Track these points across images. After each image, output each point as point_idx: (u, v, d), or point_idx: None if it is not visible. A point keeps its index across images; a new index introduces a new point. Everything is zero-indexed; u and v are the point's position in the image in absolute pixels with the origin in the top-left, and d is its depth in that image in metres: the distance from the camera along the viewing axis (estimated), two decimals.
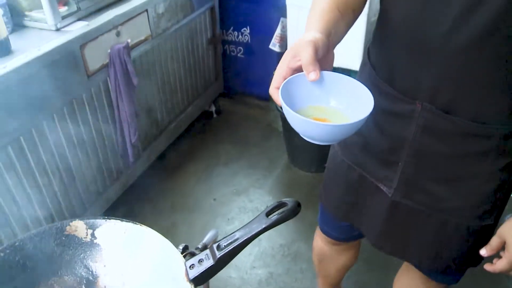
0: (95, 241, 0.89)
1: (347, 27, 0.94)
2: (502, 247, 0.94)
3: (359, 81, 0.82)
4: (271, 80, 0.82)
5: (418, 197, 1.05)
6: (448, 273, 1.20)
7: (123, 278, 0.87)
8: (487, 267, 0.96)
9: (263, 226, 0.78)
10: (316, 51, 0.78)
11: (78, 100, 1.78)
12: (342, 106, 0.84)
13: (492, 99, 0.88)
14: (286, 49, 2.48)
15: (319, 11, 0.89)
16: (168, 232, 2.09)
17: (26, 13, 1.79)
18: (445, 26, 0.82)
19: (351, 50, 2.19)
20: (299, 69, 0.80)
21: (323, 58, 0.82)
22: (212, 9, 2.63)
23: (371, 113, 0.76)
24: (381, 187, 1.10)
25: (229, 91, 3.11)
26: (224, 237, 0.80)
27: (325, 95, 0.83)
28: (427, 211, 1.06)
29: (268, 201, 2.35)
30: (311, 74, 0.77)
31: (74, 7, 1.83)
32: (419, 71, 0.91)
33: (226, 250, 0.77)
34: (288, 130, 2.46)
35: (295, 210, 0.79)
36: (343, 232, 1.41)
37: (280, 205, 0.79)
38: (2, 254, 0.83)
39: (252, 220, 0.82)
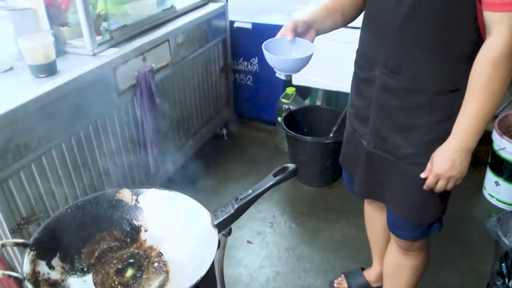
0: (138, 205, 1.14)
1: (336, 24, 1.39)
2: None
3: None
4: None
5: (384, 146, 1.39)
6: (411, 228, 1.47)
7: (160, 233, 1.11)
8: (424, 186, 1.29)
9: (271, 183, 1.03)
10: (295, 26, 1.25)
11: (109, 115, 2.06)
12: (297, 55, 1.28)
13: (423, 63, 1.21)
14: (291, 77, 2.78)
15: (316, 8, 1.37)
16: None
17: (68, 41, 2.10)
18: (389, 10, 1.20)
19: None
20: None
21: (304, 33, 1.29)
22: (224, 41, 2.94)
23: (309, 56, 1.23)
24: (363, 142, 1.45)
25: (239, 116, 3.38)
26: (241, 193, 1.04)
27: (291, 50, 1.29)
28: (392, 159, 1.38)
29: (275, 211, 2.58)
30: (288, 36, 1.25)
31: (107, 36, 2.13)
32: (376, 45, 1.29)
33: (243, 202, 1.02)
34: (293, 147, 2.72)
35: (295, 172, 1.03)
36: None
37: (283, 168, 1.04)
38: (69, 210, 1.08)
39: (262, 180, 1.06)
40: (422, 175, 1.29)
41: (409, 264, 1.63)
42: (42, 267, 0.96)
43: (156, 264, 1.04)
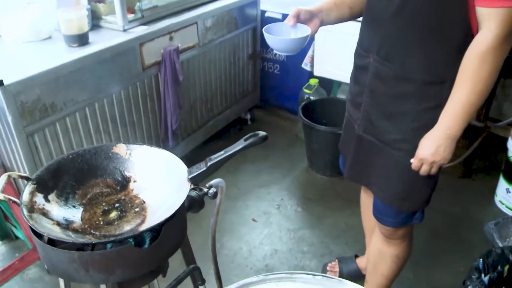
0: (131, 158, 1.29)
1: (342, 16, 1.49)
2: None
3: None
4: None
5: (373, 131, 1.47)
6: (393, 214, 1.54)
7: (145, 184, 1.25)
8: (412, 167, 1.37)
9: (241, 146, 1.15)
10: (298, 13, 1.39)
11: (133, 87, 2.23)
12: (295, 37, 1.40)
13: (412, 53, 1.29)
14: (314, 68, 2.87)
15: (323, 1, 1.48)
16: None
17: (103, 17, 2.29)
18: (382, 5, 1.30)
19: None
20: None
21: (307, 21, 1.41)
22: (254, 29, 3.07)
23: (306, 36, 1.35)
24: (355, 126, 1.54)
25: (264, 102, 3.51)
26: (215, 153, 1.17)
27: (290, 34, 1.41)
28: (379, 144, 1.46)
29: (284, 195, 2.69)
30: (289, 22, 1.39)
31: (139, 15, 2.31)
32: (372, 34, 1.39)
33: (214, 160, 1.14)
34: (308, 136, 2.81)
35: (264, 138, 1.14)
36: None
37: (254, 134, 1.16)
38: (70, 156, 1.24)
39: (234, 144, 1.17)
40: (411, 160, 1.37)
41: (390, 252, 1.70)
42: (39, 198, 1.12)
43: (137, 209, 1.18)
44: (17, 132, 1.77)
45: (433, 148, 1.29)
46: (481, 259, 1.67)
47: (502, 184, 2.57)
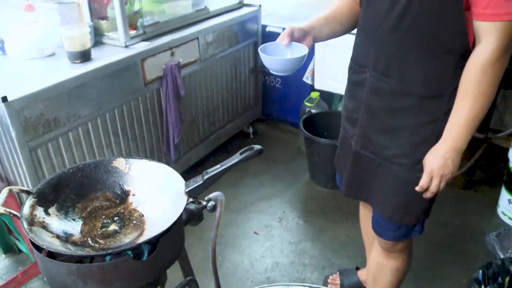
0: (130, 172, 1.31)
1: (334, 32, 1.50)
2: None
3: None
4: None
5: (370, 147, 1.47)
6: (393, 227, 1.54)
7: (144, 197, 1.27)
8: (417, 188, 1.33)
9: (237, 160, 1.17)
10: (291, 31, 1.38)
11: (135, 102, 2.26)
12: (291, 56, 1.38)
13: (410, 68, 1.30)
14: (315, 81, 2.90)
15: (315, 17, 1.47)
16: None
17: (105, 33, 2.33)
18: (381, 14, 1.29)
19: None
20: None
21: (301, 39, 1.40)
22: (255, 43, 3.11)
23: (303, 56, 1.34)
24: (351, 142, 1.54)
25: (266, 116, 3.53)
26: (211, 167, 1.19)
27: (286, 53, 1.40)
28: (377, 159, 1.47)
29: (286, 207, 2.70)
30: (284, 41, 1.38)
31: (141, 31, 2.35)
32: (368, 49, 1.39)
33: (211, 174, 1.16)
34: (310, 149, 2.83)
35: (259, 151, 1.16)
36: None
37: (249, 148, 1.18)
38: (71, 170, 1.27)
39: (230, 157, 1.19)
40: (417, 188, 1.33)
41: (390, 266, 1.70)
42: (40, 212, 1.14)
43: (136, 222, 1.20)
44: (20, 147, 1.80)
45: (441, 161, 1.27)
46: (481, 271, 1.67)
47: (504, 195, 2.57)
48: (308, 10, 3.49)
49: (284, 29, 3.03)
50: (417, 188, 1.33)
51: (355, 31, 1.51)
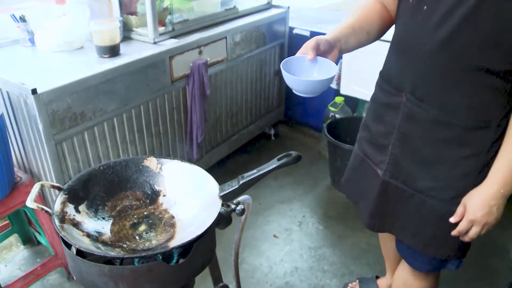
0: (161, 172, 1.29)
1: (359, 43, 1.34)
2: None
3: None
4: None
5: (402, 177, 1.32)
6: (427, 260, 1.44)
7: (175, 198, 1.25)
8: (453, 232, 1.23)
9: (274, 166, 1.14)
10: (317, 44, 1.21)
11: (161, 99, 2.24)
12: (319, 75, 1.23)
13: (454, 95, 1.15)
14: (341, 86, 2.86)
15: (340, 26, 1.32)
16: None
17: (134, 29, 2.32)
18: (425, 33, 1.13)
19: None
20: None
21: (326, 52, 1.24)
22: (282, 45, 3.07)
23: (332, 77, 1.17)
24: (377, 170, 1.39)
25: (288, 118, 3.50)
26: (247, 172, 1.16)
27: (312, 70, 1.24)
28: (409, 190, 1.32)
29: (306, 212, 2.67)
30: (308, 55, 1.21)
31: (170, 28, 2.33)
32: (404, 70, 1.23)
33: (247, 179, 1.13)
34: (333, 154, 2.79)
35: (297, 158, 1.14)
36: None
37: (287, 154, 1.15)
38: (101, 168, 1.25)
39: (267, 163, 1.17)
40: (452, 220, 1.22)
41: (417, 285, 1.59)
42: (70, 209, 1.13)
43: (166, 224, 1.18)
44: (46, 140, 1.79)
45: (485, 208, 1.15)
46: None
47: None
48: (335, 13, 3.47)
49: (312, 32, 3.06)
50: (453, 233, 1.23)
51: (386, 37, 1.38)
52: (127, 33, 2.30)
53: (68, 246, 1.07)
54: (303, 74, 1.23)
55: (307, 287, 2.19)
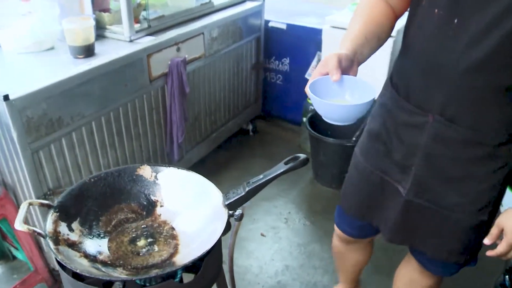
0: (156, 181, 1.21)
1: (372, 51, 1.19)
2: (500, 235, 1.15)
3: (374, 91, 1.06)
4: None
5: (427, 196, 1.26)
6: (446, 265, 1.41)
7: (174, 209, 1.18)
8: (489, 253, 1.15)
9: (281, 170, 1.08)
10: (339, 61, 1.05)
11: (139, 99, 2.14)
12: (353, 98, 1.09)
13: (486, 114, 1.09)
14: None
15: (351, 35, 1.16)
16: None
17: (107, 26, 2.20)
18: (453, 56, 1.04)
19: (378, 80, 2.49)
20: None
21: (348, 69, 1.09)
22: (258, 39, 3.00)
23: (372, 100, 1.01)
24: (399, 188, 1.30)
25: (266, 113, 3.44)
26: (253, 177, 1.10)
27: (341, 91, 1.09)
28: (434, 207, 1.26)
29: (291, 208, 2.63)
30: (334, 76, 1.04)
31: (145, 25, 2.22)
32: (433, 90, 1.13)
33: (254, 185, 1.07)
34: (315, 148, 2.76)
35: (305, 161, 1.08)
36: (360, 230, 1.61)
37: (294, 157, 1.09)
38: (92, 180, 1.16)
39: (274, 167, 1.11)
40: (486, 242, 1.16)
41: (423, 283, 1.56)
42: (63, 228, 1.04)
43: (167, 237, 1.11)
44: (22, 149, 1.67)
45: None
46: (507, 276, 1.62)
47: None
48: (310, 5, 3.42)
49: (288, 24, 3.01)
50: (491, 254, 1.16)
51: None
52: (100, 31, 2.18)
53: (63, 267, 0.98)
54: (332, 98, 1.08)
55: (300, 285, 2.15)
